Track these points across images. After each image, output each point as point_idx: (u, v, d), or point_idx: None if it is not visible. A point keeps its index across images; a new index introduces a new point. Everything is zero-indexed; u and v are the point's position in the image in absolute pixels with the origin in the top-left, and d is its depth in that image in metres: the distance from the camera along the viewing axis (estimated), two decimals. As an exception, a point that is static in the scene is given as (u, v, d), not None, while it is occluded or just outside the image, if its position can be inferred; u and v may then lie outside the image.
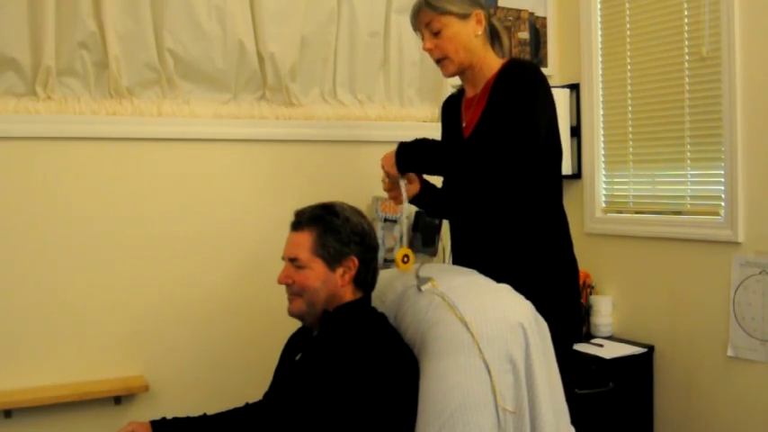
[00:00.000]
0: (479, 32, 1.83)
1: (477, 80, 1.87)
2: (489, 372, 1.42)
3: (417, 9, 1.86)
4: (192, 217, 2.30)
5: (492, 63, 1.85)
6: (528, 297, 1.58)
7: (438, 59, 1.86)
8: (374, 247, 1.68)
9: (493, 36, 1.90)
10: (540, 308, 1.58)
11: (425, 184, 1.92)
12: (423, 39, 1.87)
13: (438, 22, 1.81)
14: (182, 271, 2.28)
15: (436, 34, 1.82)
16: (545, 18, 2.93)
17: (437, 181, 1.97)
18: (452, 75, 1.89)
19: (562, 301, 1.77)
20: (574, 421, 1.63)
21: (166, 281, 2.26)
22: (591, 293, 2.75)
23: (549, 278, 1.76)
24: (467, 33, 1.82)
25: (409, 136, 1.85)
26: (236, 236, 2.35)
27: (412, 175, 1.86)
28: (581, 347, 2.57)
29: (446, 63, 1.85)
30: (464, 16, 1.82)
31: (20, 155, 2.09)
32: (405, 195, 1.81)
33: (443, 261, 2.57)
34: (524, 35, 2.89)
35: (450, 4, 1.81)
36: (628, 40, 2.66)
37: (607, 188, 2.81)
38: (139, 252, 2.23)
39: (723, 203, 2.32)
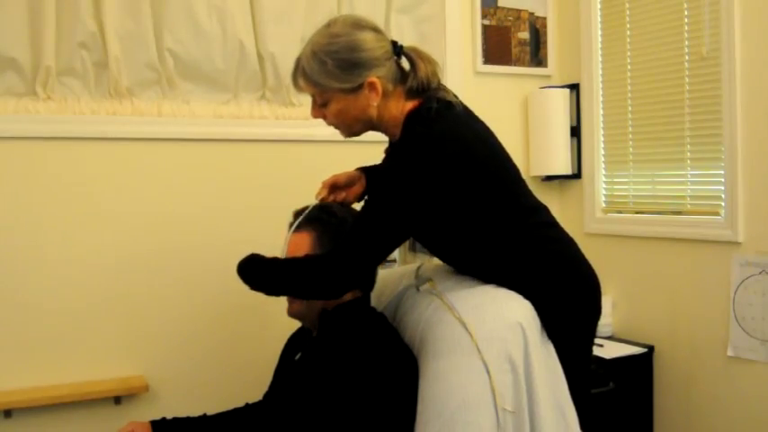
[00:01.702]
0: (375, 102, 1.49)
1: (388, 133, 1.60)
2: (488, 372, 1.41)
3: (294, 75, 1.53)
4: (192, 217, 2.30)
5: (399, 116, 1.53)
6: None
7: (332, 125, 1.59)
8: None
9: (410, 68, 1.55)
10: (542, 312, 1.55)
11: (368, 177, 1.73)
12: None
13: (320, 96, 1.51)
14: (181, 271, 2.28)
15: (323, 105, 1.53)
16: (545, 18, 2.93)
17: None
18: (351, 137, 1.62)
19: (561, 305, 1.57)
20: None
21: (166, 280, 2.27)
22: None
23: (542, 287, 1.55)
24: (358, 107, 1.50)
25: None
26: (235, 235, 2.35)
27: (355, 175, 1.73)
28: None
29: (341, 130, 1.59)
30: (352, 90, 1.48)
31: (20, 155, 2.09)
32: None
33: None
34: (524, 35, 2.89)
35: (333, 79, 1.47)
36: (628, 40, 2.66)
37: (607, 188, 2.80)
38: (139, 251, 2.23)
39: (723, 203, 2.32)
